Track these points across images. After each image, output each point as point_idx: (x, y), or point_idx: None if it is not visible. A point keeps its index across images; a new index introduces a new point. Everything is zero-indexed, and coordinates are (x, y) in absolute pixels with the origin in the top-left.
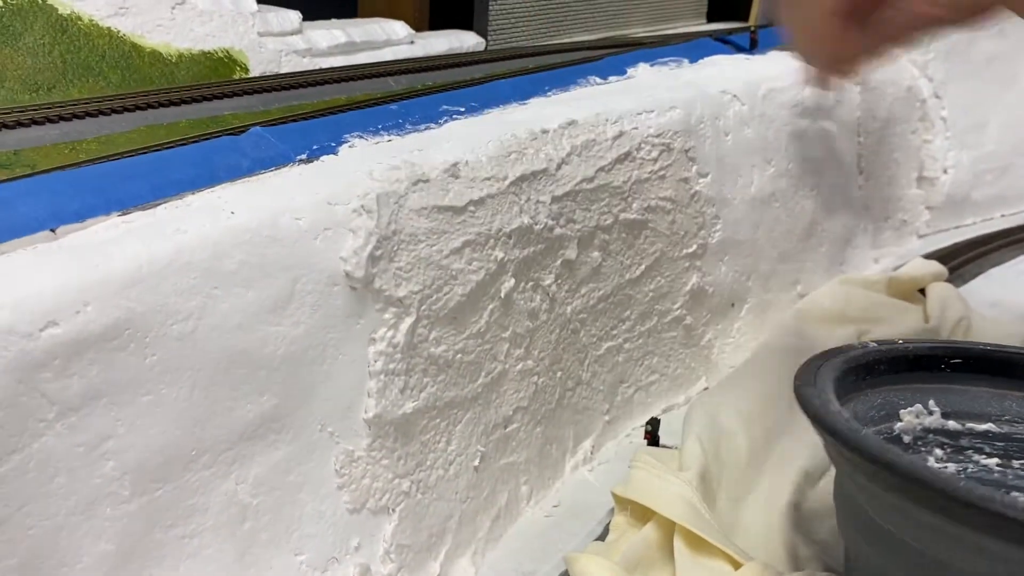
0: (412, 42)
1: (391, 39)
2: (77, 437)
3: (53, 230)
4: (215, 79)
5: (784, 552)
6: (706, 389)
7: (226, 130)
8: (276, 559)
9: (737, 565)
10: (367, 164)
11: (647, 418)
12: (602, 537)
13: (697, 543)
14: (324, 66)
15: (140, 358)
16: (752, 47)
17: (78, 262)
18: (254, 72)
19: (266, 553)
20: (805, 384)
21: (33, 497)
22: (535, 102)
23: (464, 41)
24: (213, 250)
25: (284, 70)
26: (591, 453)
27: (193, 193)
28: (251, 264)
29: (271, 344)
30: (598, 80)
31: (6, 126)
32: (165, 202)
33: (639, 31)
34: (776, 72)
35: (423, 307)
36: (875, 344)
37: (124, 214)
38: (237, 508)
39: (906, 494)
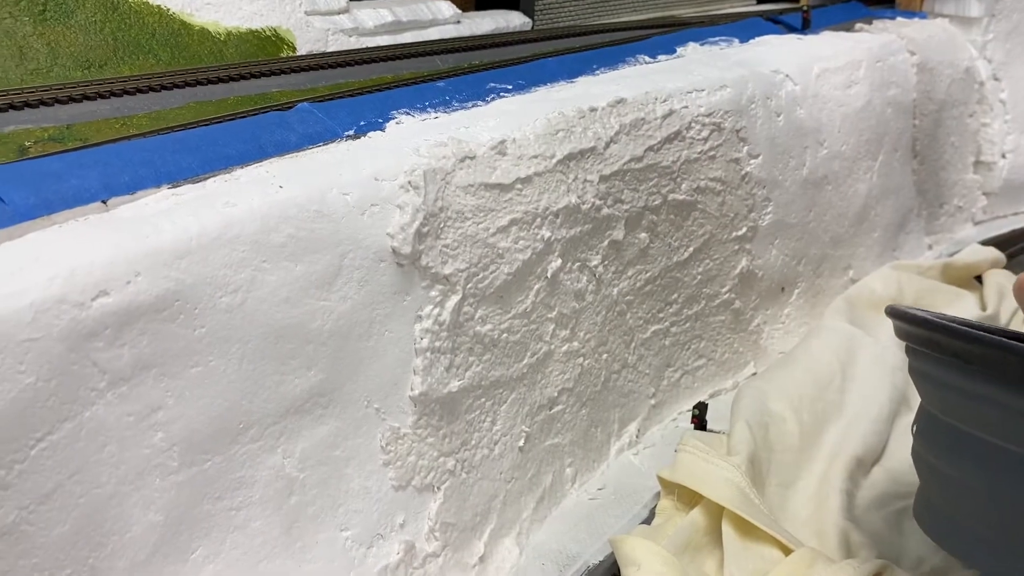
0: (458, 22)
1: (437, 19)
2: (127, 407)
3: (104, 202)
4: (263, 57)
5: (835, 539)
6: (754, 374)
7: (274, 106)
8: (322, 534)
9: (787, 551)
10: (414, 141)
11: (694, 403)
12: (648, 521)
13: (746, 528)
14: (370, 45)
15: (189, 329)
16: (804, 27)
17: (129, 233)
18: (301, 51)
19: (312, 527)
20: (893, 308)
21: (84, 465)
22: (583, 80)
23: (510, 21)
24: (262, 224)
25: (330, 49)
26: (636, 437)
27: (242, 167)
28: (299, 238)
29: (319, 319)
30: (647, 59)
31: (59, 101)
32: (214, 176)
33: (688, 11)
34: (830, 52)
35: (469, 285)
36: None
37: (174, 187)
38: (284, 482)
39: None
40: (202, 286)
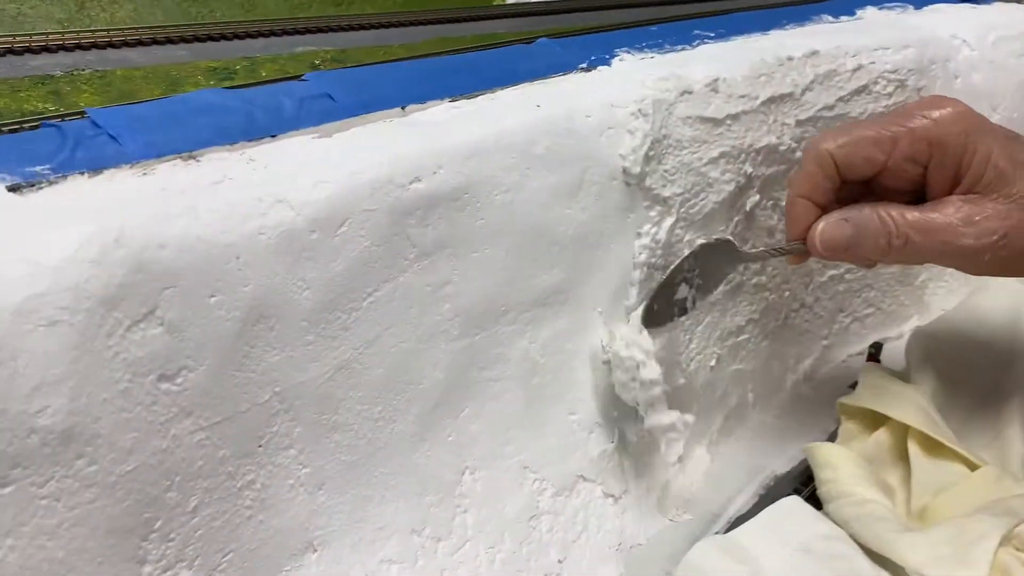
0: None
1: None
2: (427, 278)
3: (403, 108)
4: (483, 4)
5: (1019, 466)
6: (918, 327)
7: (517, 39)
8: (554, 413)
9: (973, 467)
10: (638, 75)
11: (861, 348)
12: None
13: (932, 447)
14: None
15: (473, 219)
16: None
17: (429, 134)
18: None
19: (546, 407)
20: None
21: (396, 322)
22: (775, 33)
23: None
24: (527, 135)
25: None
26: (810, 373)
27: (502, 89)
28: (553, 151)
29: (563, 224)
30: (830, 18)
31: (332, 29)
32: (483, 94)
33: None
34: (1005, 20)
35: (682, 209)
36: None
37: (453, 100)
38: (529, 364)
39: None
40: (484, 184)
